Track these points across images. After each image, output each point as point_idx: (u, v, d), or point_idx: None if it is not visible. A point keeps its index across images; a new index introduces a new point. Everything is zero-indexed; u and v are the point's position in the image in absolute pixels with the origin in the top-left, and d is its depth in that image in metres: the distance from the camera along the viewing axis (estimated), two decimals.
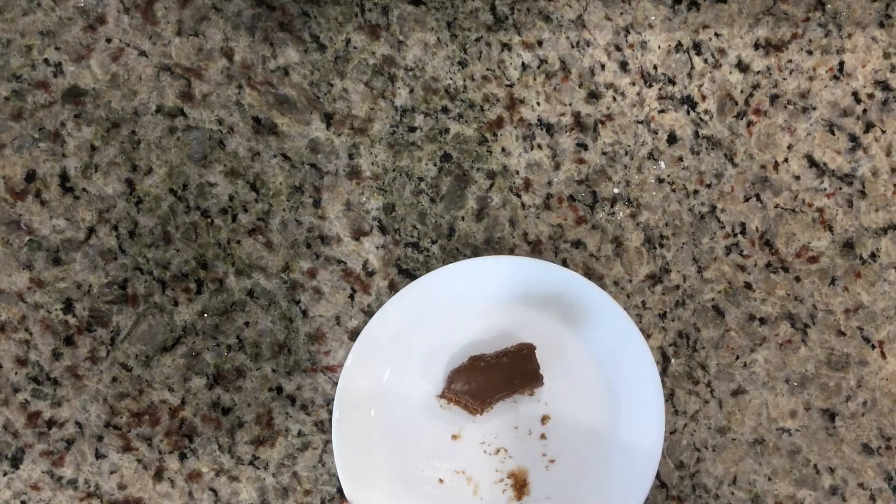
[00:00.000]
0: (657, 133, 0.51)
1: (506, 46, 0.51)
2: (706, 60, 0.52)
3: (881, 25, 0.52)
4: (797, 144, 0.52)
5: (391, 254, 0.51)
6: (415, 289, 0.47)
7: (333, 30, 0.51)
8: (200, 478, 0.49)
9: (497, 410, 0.49)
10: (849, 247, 0.51)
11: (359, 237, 0.51)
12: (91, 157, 0.50)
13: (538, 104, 0.51)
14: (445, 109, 0.51)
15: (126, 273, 0.50)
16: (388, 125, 0.51)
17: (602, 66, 0.51)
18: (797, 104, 0.52)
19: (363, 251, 0.51)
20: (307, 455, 0.50)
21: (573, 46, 0.51)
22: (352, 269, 0.51)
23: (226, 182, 0.50)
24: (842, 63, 0.52)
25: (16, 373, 0.49)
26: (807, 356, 0.51)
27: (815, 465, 0.51)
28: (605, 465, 0.48)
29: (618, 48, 0.51)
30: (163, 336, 0.50)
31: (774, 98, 0.52)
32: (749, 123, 0.52)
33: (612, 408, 0.49)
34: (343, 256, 0.51)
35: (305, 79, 0.51)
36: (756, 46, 0.52)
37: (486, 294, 0.49)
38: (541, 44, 0.51)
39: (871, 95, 0.52)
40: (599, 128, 0.51)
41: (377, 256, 0.51)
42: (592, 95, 0.51)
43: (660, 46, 0.52)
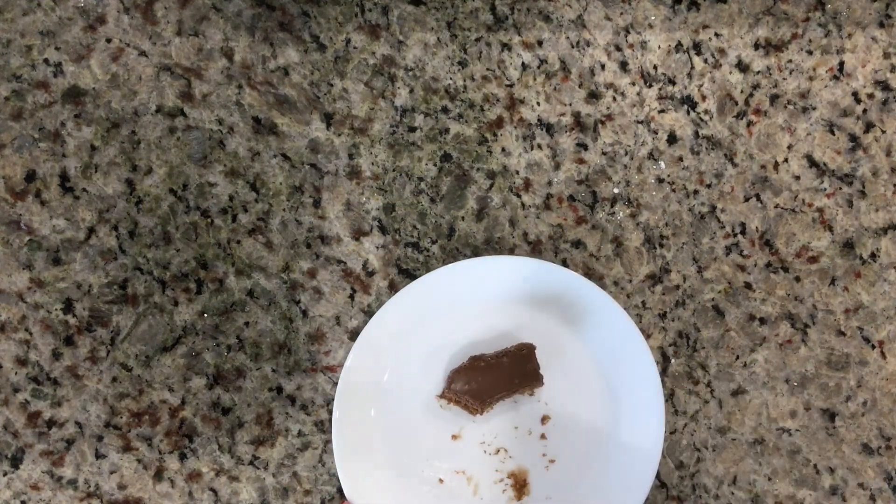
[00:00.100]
0: (657, 133, 0.51)
1: (506, 46, 0.51)
2: (706, 60, 0.52)
3: (881, 25, 0.52)
4: (797, 144, 0.52)
5: (391, 254, 0.51)
6: (415, 289, 0.47)
7: (333, 30, 0.51)
8: (200, 478, 0.49)
9: (497, 410, 0.49)
10: (849, 247, 0.51)
11: (359, 237, 0.51)
12: (91, 157, 0.50)
13: (538, 104, 0.51)
14: (445, 109, 0.51)
15: (126, 273, 0.50)
16: (388, 125, 0.51)
17: (602, 66, 0.51)
18: (797, 104, 0.52)
19: (363, 251, 0.51)
20: (307, 455, 0.50)
21: (573, 46, 0.51)
22: (352, 269, 0.51)
23: (226, 182, 0.50)
24: (842, 63, 0.52)
25: (16, 373, 0.49)
26: (807, 356, 0.51)
27: (815, 465, 0.51)
28: (605, 465, 0.48)
29: (618, 48, 0.51)
30: (163, 336, 0.50)
31: (774, 98, 0.52)
32: (749, 123, 0.52)
33: (612, 408, 0.49)
34: (343, 256, 0.51)
35: (305, 79, 0.51)
36: (756, 46, 0.52)
37: (486, 294, 0.49)
38: (541, 44, 0.51)
39: (871, 95, 0.52)
40: (599, 128, 0.51)
41: (377, 256, 0.51)
42: (592, 95, 0.51)
43: (660, 46, 0.52)
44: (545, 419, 0.49)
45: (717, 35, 0.52)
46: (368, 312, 0.50)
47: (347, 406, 0.47)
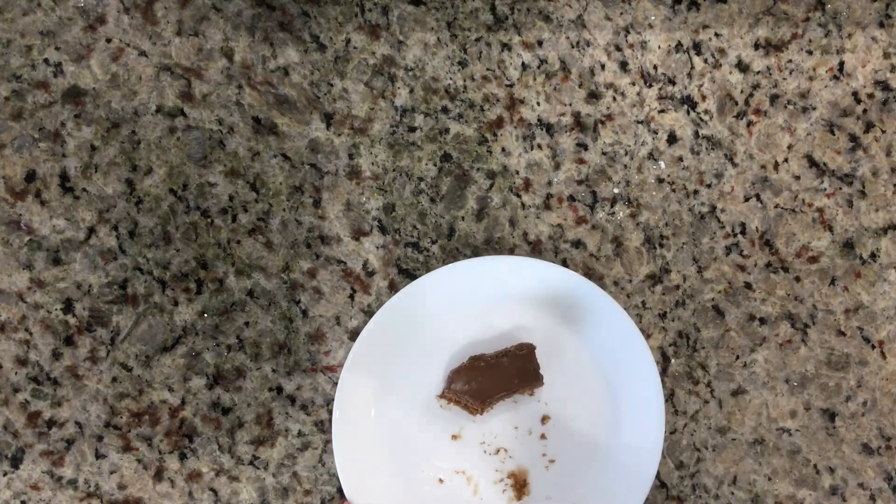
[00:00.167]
0: (657, 133, 0.51)
1: (506, 46, 0.51)
2: (706, 60, 0.52)
3: (881, 25, 0.52)
4: (797, 144, 0.52)
5: (391, 254, 0.51)
6: (415, 289, 0.47)
7: (333, 30, 0.51)
8: (200, 478, 0.49)
9: (497, 410, 0.49)
10: (849, 247, 0.51)
11: (359, 237, 0.51)
12: (91, 157, 0.50)
13: (538, 104, 0.51)
14: (445, 109, 0.51)
15: (126, 273, 0.50)
16: (388, 125, 0.51)
17: (602, 66, 0.51)
18: (797, 104, 0.52)
19: (363, 251, 0.51)
20: (307, 455, 0.50)
21: (573, 46, 0.51)
22: (352, 269, 0.51)
23: (226, 182, 0.50)
24: (842, 63, 0.52)
25: (16, 373, 0.49)
26: (807, 356, 0.51)
27: (815, 465, 0.51)
28: (605, 465, 0.48)
29: (618, 48, 0.51)
30: (163, 336, 0.50)
31: (774, 98, 0.52)
32: (749, 123, 0.52)
33: (612, 408, 0.49)
34: (343, 256, 0.51)
35: (305, 79, 0.51)
36: (756, 46, 0.52)
37: (486, 294, 0.49)
38: (541, 44, 0.51)
39: (871, 95, 0.52)
40: (599, 128, 0.51)
41: (377, 256, 0.51)
42: (592, 95, 0.51)
43: (660, 46, 0.52)
44: (545, 419, 0.49)
45: (717, 35, 0.52)
46: (368, 312, 0.50)
47: (347, 406, 0.47)
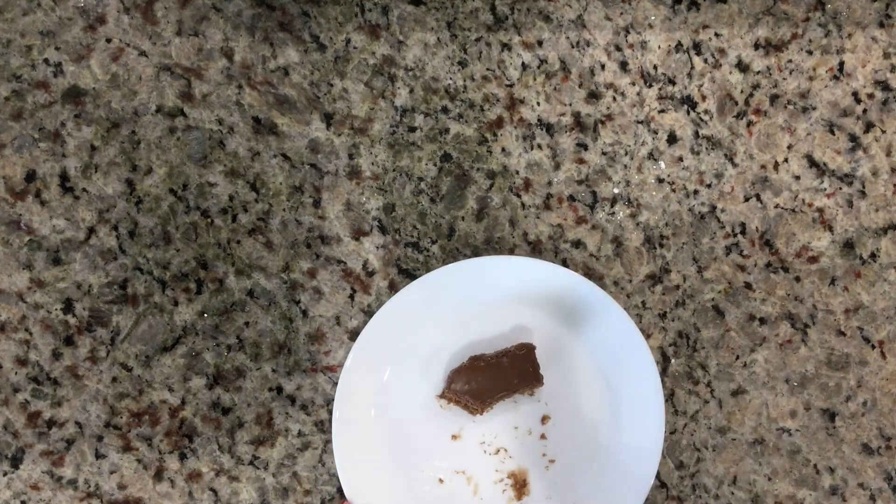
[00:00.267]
0: (657, 133, 0.51)
1: (506, 46, 0.51)
2: (706, 60, 0.52)
3: (881, 25, 0.52)
4: (797, 144, 0.52)
5: (391, 254, 0.51)
6: (415, 289, 0.47)
7: (333, 30, 0.51)
8: (200, 478, 0.49)
9: (497, 410, 0.49)
10: (849, 247, 0.51)
11: (359, 237, 0.51)
12: (91, 157, 0.50)
13: (538, 104, 0.51)
14: (445, 109, 0.51)
15: (126, 273, 0.50)
16: (388, 125, 0.51)
17: (602, 66, 0.51)
18: (797, 104, 0.52)
19: (363, 251, 0.51)
20: (307, 455, 0.50)
21: (573, 46, 0.51)
22: (352, 269, 0.51)
23: (226, 182, 0.50)
24: (842, 63, 0.52)
25: (16, 373, 0.49)
26: (807, 356, 0.51)
27: (815, 465, 0.51)
28: (605, 465, 0.48)
29: (618, 48, 0.51)
30: (163, 336, 0.50)
31: (774, 98, 0.52)
32: (749, 123, 0.52)
33: (612, 408, 0.49)
34: (343, 256, 0.51)
35: (305, 79, 0.51)
36: (756, 46, 0.52)
37: (486, 294, 0.49)
38: (541, 44, 0.51)
39: (871, 95, 0.52)
40: (599, 128, 0.51)
41: (377, 256, 0.51)
42: (592, 95, 0.51)
43: (660, 46, 0.52)
44: (545, 419, 0.49)
45: (717, 35, 0.52)
46: (368, 312, 0.50)
47: (347, 406, 0.47)
